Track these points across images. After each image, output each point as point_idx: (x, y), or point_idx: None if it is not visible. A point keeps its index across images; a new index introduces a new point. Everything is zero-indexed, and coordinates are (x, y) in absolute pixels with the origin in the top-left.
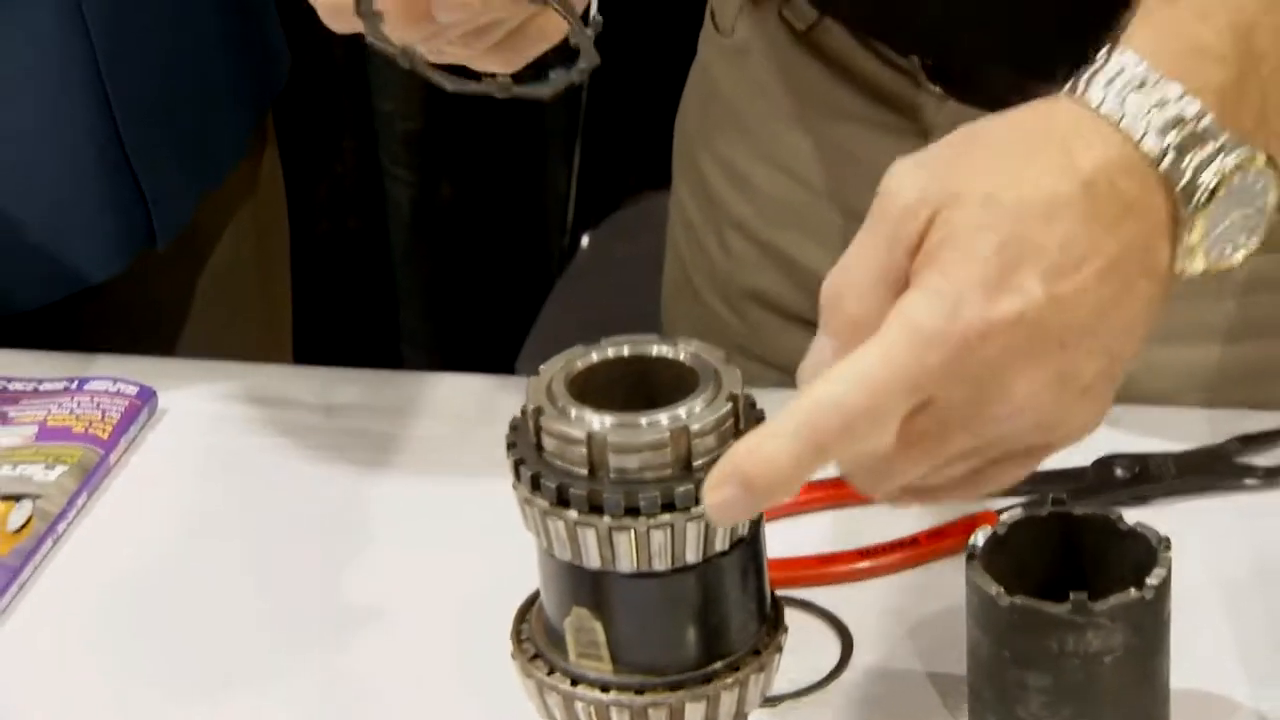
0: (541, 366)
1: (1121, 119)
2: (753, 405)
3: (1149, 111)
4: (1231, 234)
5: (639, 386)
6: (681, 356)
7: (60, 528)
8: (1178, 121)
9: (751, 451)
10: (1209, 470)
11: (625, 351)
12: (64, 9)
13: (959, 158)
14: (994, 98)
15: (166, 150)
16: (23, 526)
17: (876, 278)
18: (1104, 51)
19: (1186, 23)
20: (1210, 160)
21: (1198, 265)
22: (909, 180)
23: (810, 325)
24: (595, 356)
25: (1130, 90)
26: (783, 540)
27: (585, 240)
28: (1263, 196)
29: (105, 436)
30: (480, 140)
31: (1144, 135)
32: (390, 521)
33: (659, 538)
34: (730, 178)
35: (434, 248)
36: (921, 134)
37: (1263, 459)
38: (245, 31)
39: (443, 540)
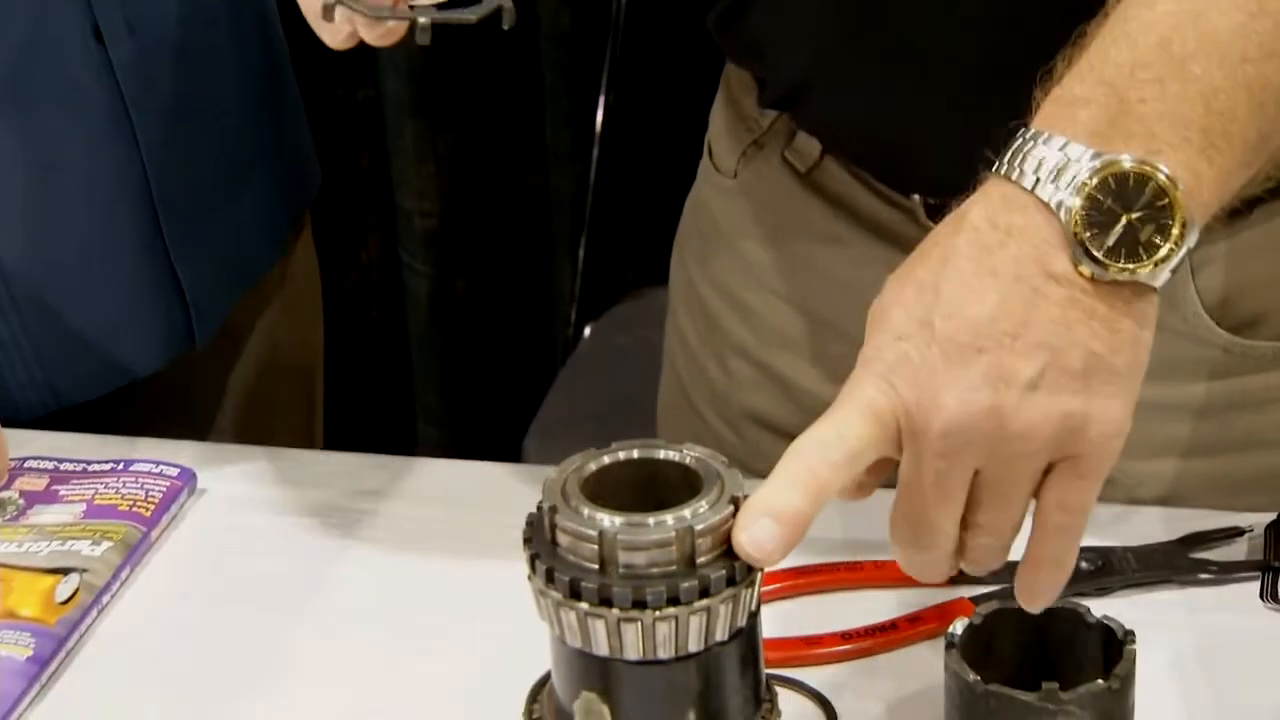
0: (557, 467)
1: (1008, 171)
2: None
3: (1025, 157)
4: (1136, 238)
5: (647, 487)
6: (687, 460)
7: (105, 599)
8: (1044, 157)
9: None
10: (1166, 565)
11: (635, 454)
12: (115, 120)
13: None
14: None
15: (208, 255)
16: (70, 598)
17: None
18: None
19: (1066, 86)
20: (1074, 176)
21: (1117, 270)
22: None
23: None
24: (606, 459)
25: (1016, 148)
26: (770, 623)
27: (588, 331)
28: (1155, 199)
29: (148, 514)
30: (492, 238)
31: (1020, 174)
32: (408, 600)
33: (664, 629)
34: (729, 303)
35: (449, 335)
36: None
37: (1216, 555)
38: (281, 144)
39: (458, 619)
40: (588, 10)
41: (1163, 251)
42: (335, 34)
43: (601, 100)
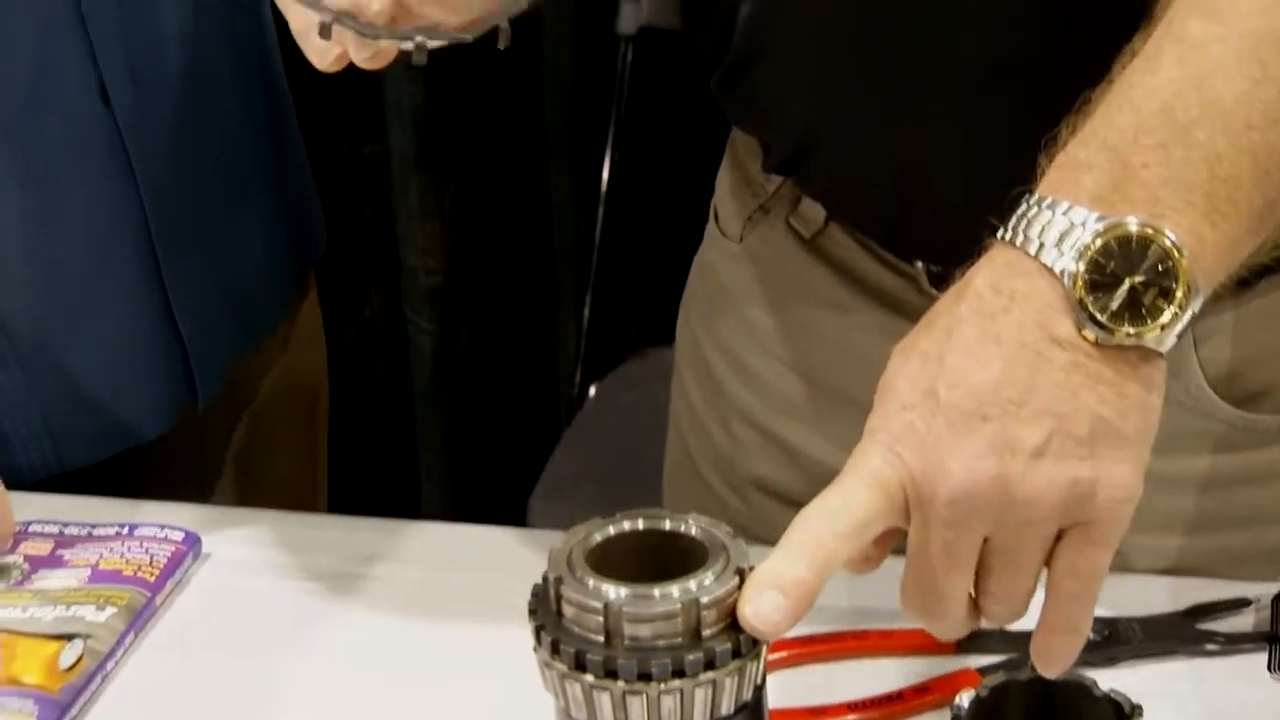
0: (562, 536)
1: (1013, 237)
2: None
3: (1030, 223)
4: (1140, 302)
5: (652, 557)
6: (692, 531)
7: (109, 665)
8: (1049, 222)
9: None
10: (1172, 636)
11: (640, 525)
12: (118, 174)
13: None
14: None
15: (210, 309)
16: (74, 665)
17: None
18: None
19: (1070, 152)
20: (1078, 241)
21: (1121, 335)
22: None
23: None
24: (612, 529)
25: (1021, 214)
26: (776, 693)
27: (593, 390)
28: (1159, 262)
29: (152, 579)
30: (497, 295)
31: (1024, 240)
32: (410, 663)
33: (669, 702)
34: (734, 368)
35: (452, 392)
36: None
37: (1222, 626)
38: (287, 204)
39: (460, 684)
40: (593, 67)
41: (1167, 315)
42: (324, 54)
43: (607, 158)
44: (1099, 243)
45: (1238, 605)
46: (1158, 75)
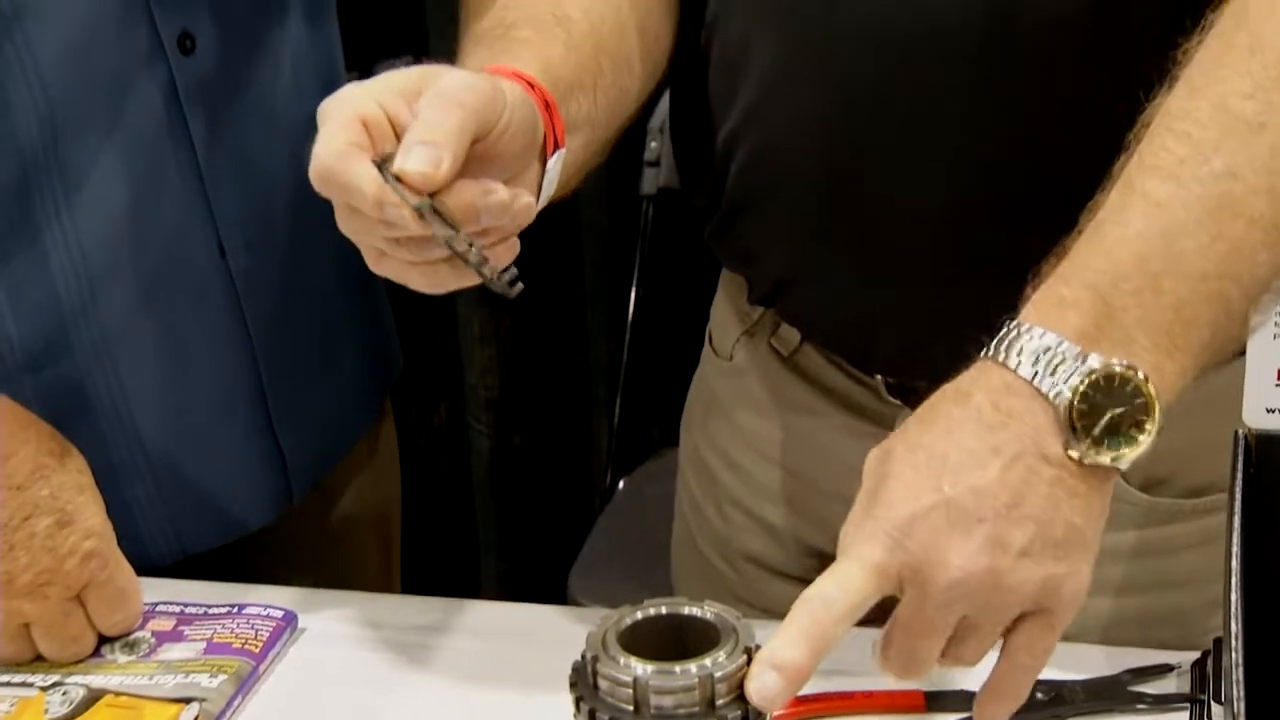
0: (599, 620)
1: (1004, 359)
2: None
3: (1018, 349)
4: (1118, 428)
5: (674, 639)
6: (707, 615)
7: None
8: (1044, 349)
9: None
10: (1109, 696)
11: (663, 611)
12: (233, 319)
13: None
14: None
15: (307, 429)
16: None
17: None
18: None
19: (1054, 286)
20: (1070, 373)
21: (1103, 456)
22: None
23: (791, 579)
24: (640, 614)
25: (1009, 338)
26: None
27: (622, 484)
28: (1134, 396)
29: (257, 651)
30: (543, 405)
31: (1019, 364)
32: None
33: None
34: (726, 463)
35: (506, 485)
36: (885, 434)
37: (1151, 688)
38: (371, 341)
39: None
40: (621, 221)
41: (1143, 441)
42: (382, 266)
43: (633, 293)
44: (1089, 378)
45: (1163, 670)
46: (1128, 228)
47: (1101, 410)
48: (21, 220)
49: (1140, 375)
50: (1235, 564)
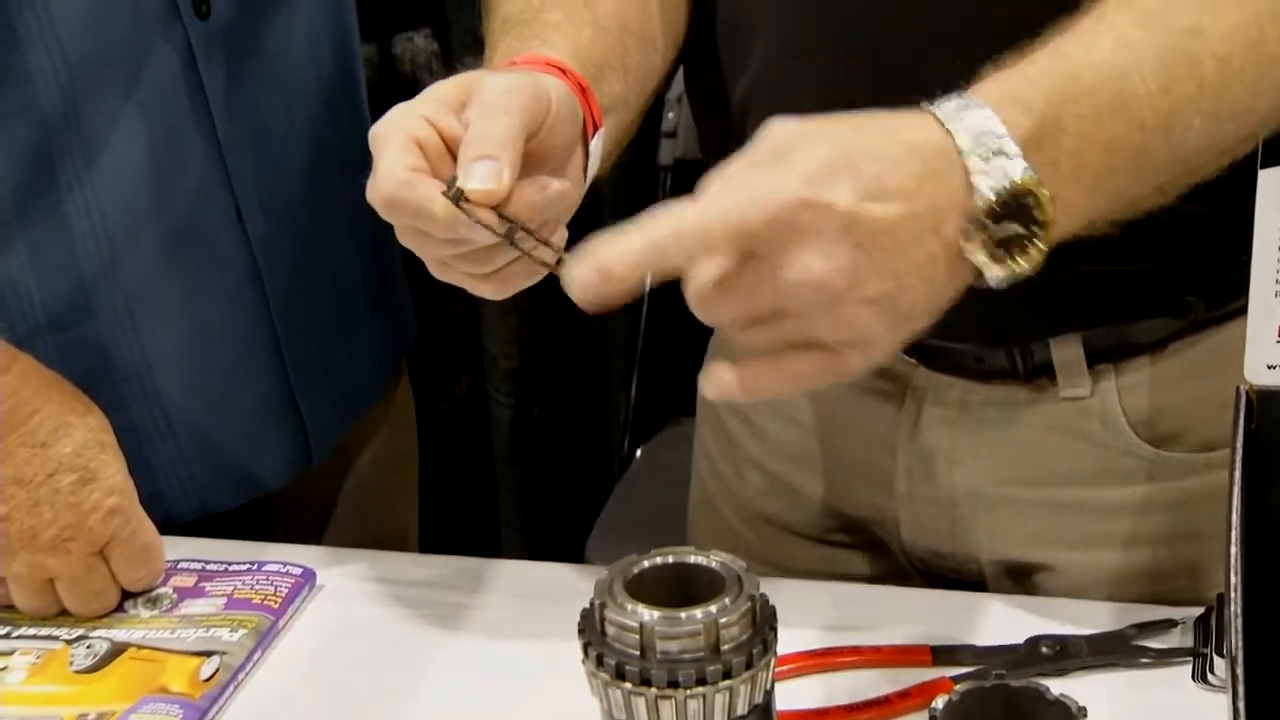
0: (605, 569)
1: (945, 120)
2: (766, 602)
3: (965, 121)
4: (1010, 244)
5: (679, 586)
6: (712, 564)
7: (240, 677)
8: (985, 133)
9: (612, 246)
10: (1113, 650)
11: (669, 559)
12: (251, 282)
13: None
14: (959, 365)
15: (324, 392)
16: (212, 676)
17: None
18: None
19: (1015, 81)
20: (1001, 165)
21: (982, 258)
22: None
23: (807, 539)
24: (646, 563)
25: (960, 109)
26: (783, 699)
27: (639, 452)
28: (1035, 220)
29: (276, 606)
30: (562, 375)
31: (959, 134)
32: (487, 675)
33: (694, 705)
34: (744, 424)
35: (526, 455)
36: (901, 394)
37: (1155, 642)
38: (386, 307)
39: (528, 693)
40: (639, 192)
41: (1022, 265)
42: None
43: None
44: (1012, 185)
45: (1167, 625)
46: (1092, 55)
47: (1003, 219)
48: (43, 184)
49: (1052, 202)
50: (1236, 518)
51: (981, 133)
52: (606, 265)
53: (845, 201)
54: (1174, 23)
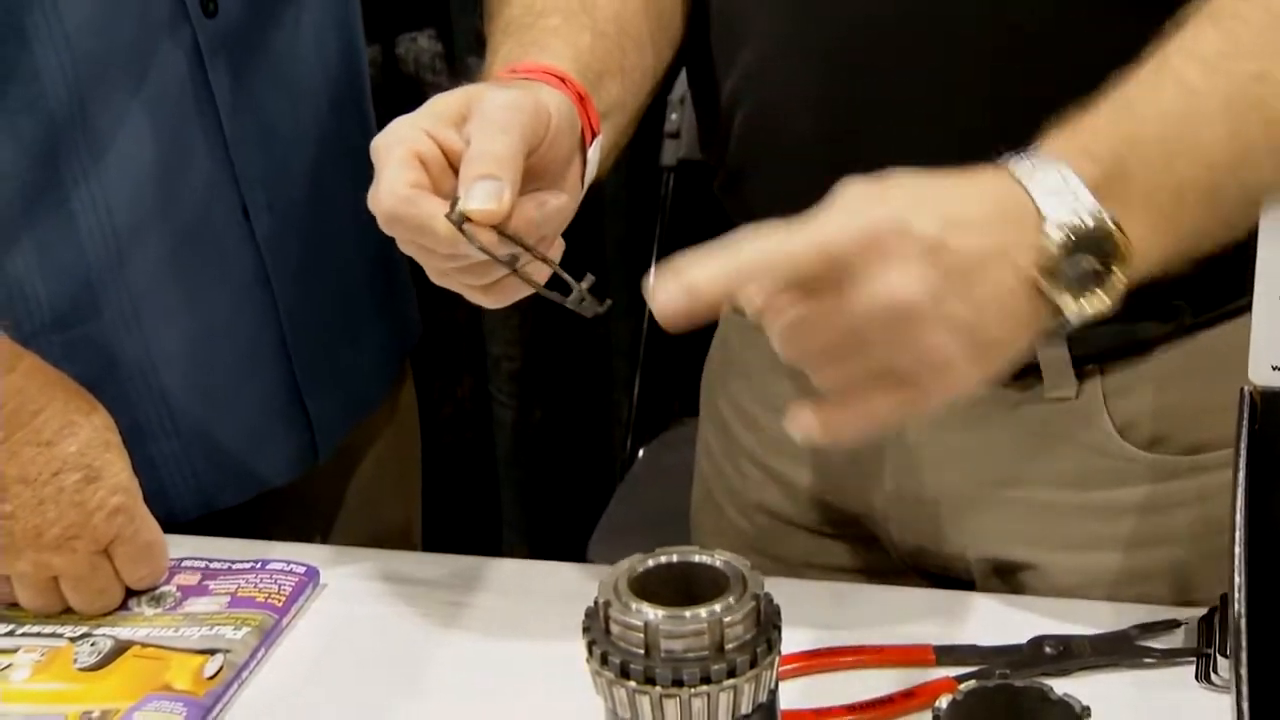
0: (610, 569)
1: (1017, 172)
2: (770, 601)
3: (1036, 172)
4: (1086, 281)
5: (684, 585)
6: (717, 563)
7: (244, 675)
8: (1059, 183)
9: (701, 267)
10: (1117, 650)
11: (674, 559)
12: (258, 282)
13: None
14: None
15: (330, 390)
16: (215, 674)
17: None
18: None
19: (1082, 136)
20: (1071, 204)
21: (1060, 294)
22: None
23: (805, 530)
24: (651, 562)
25: (1027, 160)
26: (787, 698)
27: (641, 453)
28: (1110, 256)
29: (280, 605)
30: (564, 377)
31: (1030, 184)
32: (489, 673)
33: (698, 704)
34: (742, 418)
35: (528, 456)
36: None
37: (1158, 642)
38: (391, 308)
39: (531, 692)
40: (642, 193)
41: (1097, 302)
42: (441, 274)
43: (653, 265)
44: (1085, 224)
45: (1171, 625)
46: (1158, 105)
47: (1077, 254)
48: (49, 182)
49: (1126, 241)
50: (1240, 519)
51: (1052, 178)
52: (695, 285)
53: (930, 229)
54: (1238, 68)
